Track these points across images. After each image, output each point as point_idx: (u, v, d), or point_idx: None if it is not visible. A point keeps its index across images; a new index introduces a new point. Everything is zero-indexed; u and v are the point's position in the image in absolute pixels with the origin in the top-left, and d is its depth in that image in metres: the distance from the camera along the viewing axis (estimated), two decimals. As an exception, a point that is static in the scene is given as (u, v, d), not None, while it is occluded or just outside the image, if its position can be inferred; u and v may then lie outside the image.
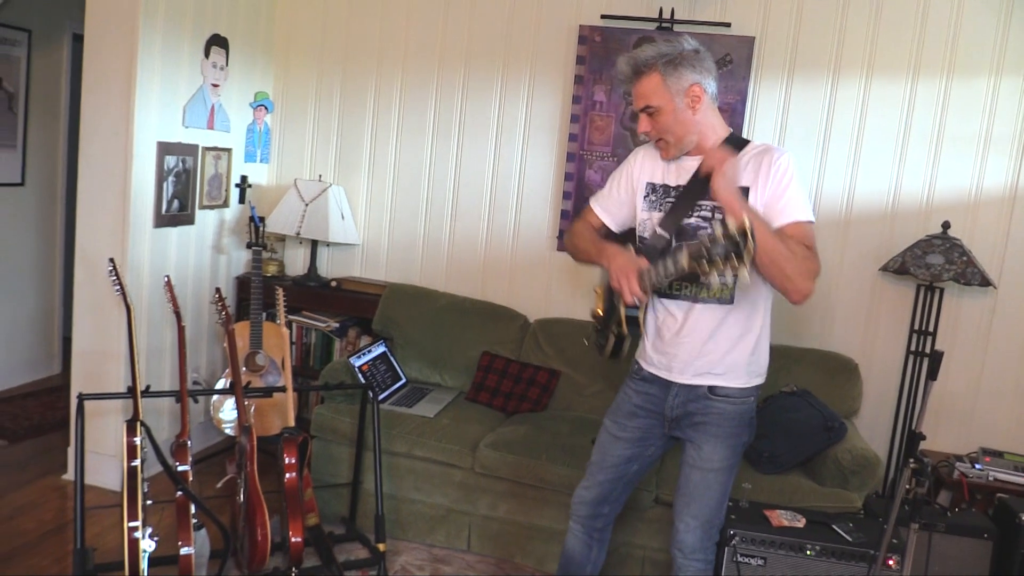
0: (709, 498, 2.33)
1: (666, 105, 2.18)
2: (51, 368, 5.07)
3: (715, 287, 2.18)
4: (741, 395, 2.29)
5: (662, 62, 2.16)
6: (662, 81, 2.17)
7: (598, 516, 2.53)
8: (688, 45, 2.18)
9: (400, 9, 4.13)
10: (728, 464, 2.32)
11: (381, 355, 3.72)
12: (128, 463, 2.68)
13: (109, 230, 3.47)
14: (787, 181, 2.13)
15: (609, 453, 2.46)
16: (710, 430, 2.28)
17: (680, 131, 2.21)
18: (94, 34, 3.41)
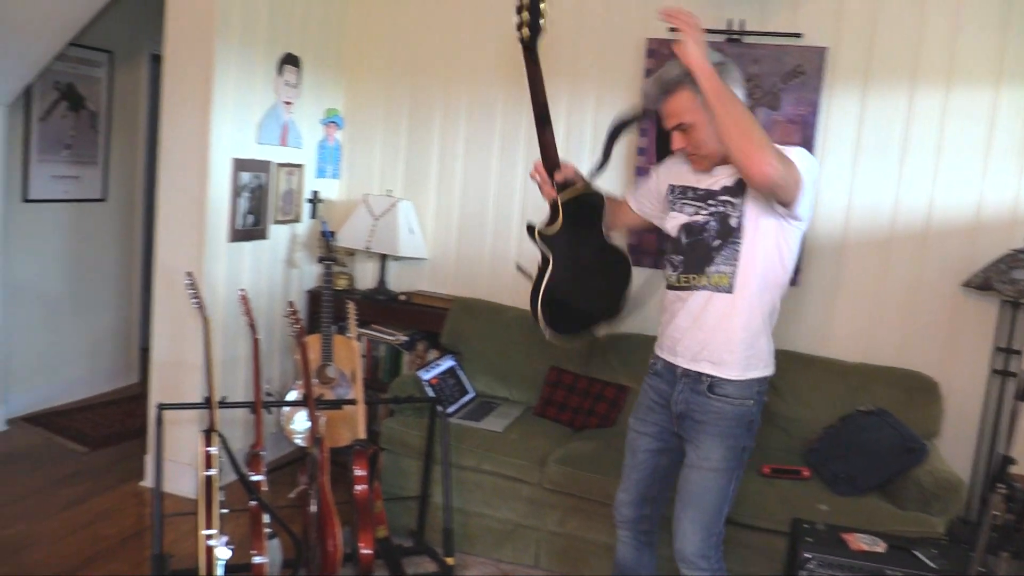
0: (707, 502, 2.33)
1: (698, 120, 2.21)
2: (130, 377, 5.23)
3: (716, 276, 2.27)
4: (739, 393, 2.30)
5: (689, 79, 2.16)
6: (692, 97, 2.19)
7: (642, 518, 2.57)
8: (713, 58, 2.17)
9: (468, 25, 4.16)
10: (726, 466, 2.32)
11: (449, 369, 3.73)
12: (204, 472, 2.75)
13: (187, 244, 3.57)
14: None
15: (637, 450, 2.52)
16: (708, 428, 2.31)
17: (714, 144, 2.23)
18: (173, 55, 3.53)
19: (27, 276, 4.47)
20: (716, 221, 2.28)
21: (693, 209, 2.33)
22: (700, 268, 2.30)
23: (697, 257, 2.31)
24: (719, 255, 2.28)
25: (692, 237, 2.33)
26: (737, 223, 2.25)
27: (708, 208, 2.29)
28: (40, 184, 4.44)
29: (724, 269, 2.27)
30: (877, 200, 3.62)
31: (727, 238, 2.27)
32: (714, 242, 2.28)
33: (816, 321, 3.73)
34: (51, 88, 4.38)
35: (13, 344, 4.41)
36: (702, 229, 2.30)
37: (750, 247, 2.25)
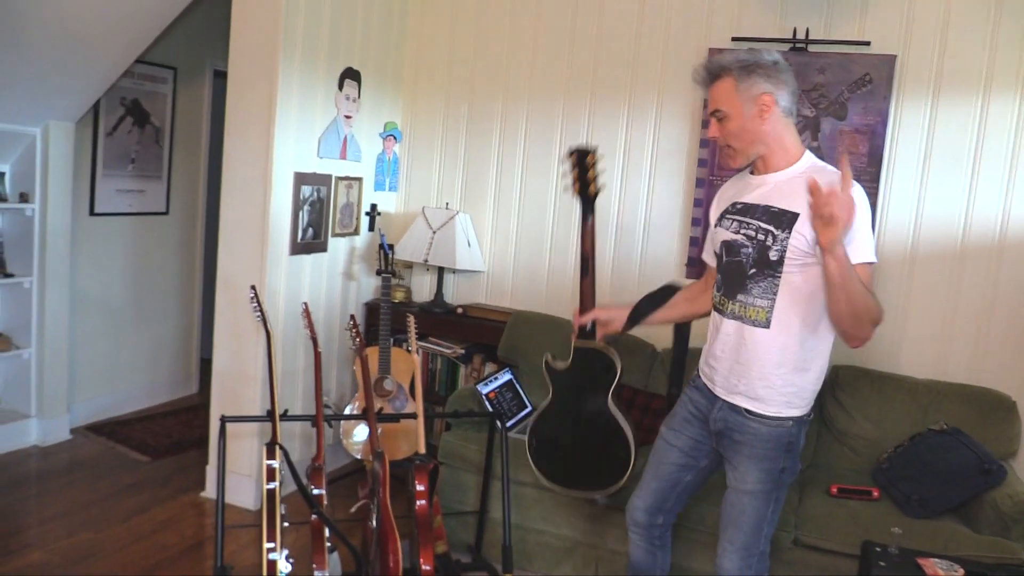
0: (744, 523, 2.29)
1: (735, 111, 2.18)
2: (189, 388, 5.31)
3: (752, 309, 2.19)
4: (777, 420, 2.23)
5: (736, 67, 2.17)
6: (734, 86, 2.17)
7: (654, 525, 2.55)
8: (768, 57, 2.18)
9: (526, 38, 4.16)
10: (762, 488, 2.26)
11: (507, 382, 3.70)
12: (266, 485, 2.76)
13: (249, 257, 3.61)
14: (856, 217, 2.02)
15: (663, 460, 2.48)
16: (744, 450, 2.27)
17: (746, 139, 2.20)
18: (237, 71, 3.57)
19: (92, 288, 4.57)
20: (754, 248, 2.18)
21: (736, 225, 2.24)
22: (733, 294, 2.24)
23: (732, 281, 2.24)
24: (754, 284, 2.18)
25: (730, 256, 2.25)
26: (778, 257, 2.13)
27: (749, 227, 2.20)
28: (106, 198, 4.54)
29: (760, 303, 2.17)
30: (948, 212, 3.51)
31: (763, 268, 2.16)
32: (750, 269, 2.19)
33: (884, 336, 3.62)
34: (117, 104, 4.48)
35: (78, 354, 4.50)
36: (739, 250, 2.21)
37: (791, 282, 2.14)
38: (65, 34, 3.54)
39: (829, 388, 3.53)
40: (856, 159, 3.57)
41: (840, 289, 1.98)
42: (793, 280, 2.13)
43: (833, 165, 2.28)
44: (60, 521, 3.48)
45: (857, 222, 2.03)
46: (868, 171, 3.55)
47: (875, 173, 3.55)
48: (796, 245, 2.11)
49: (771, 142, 2.20)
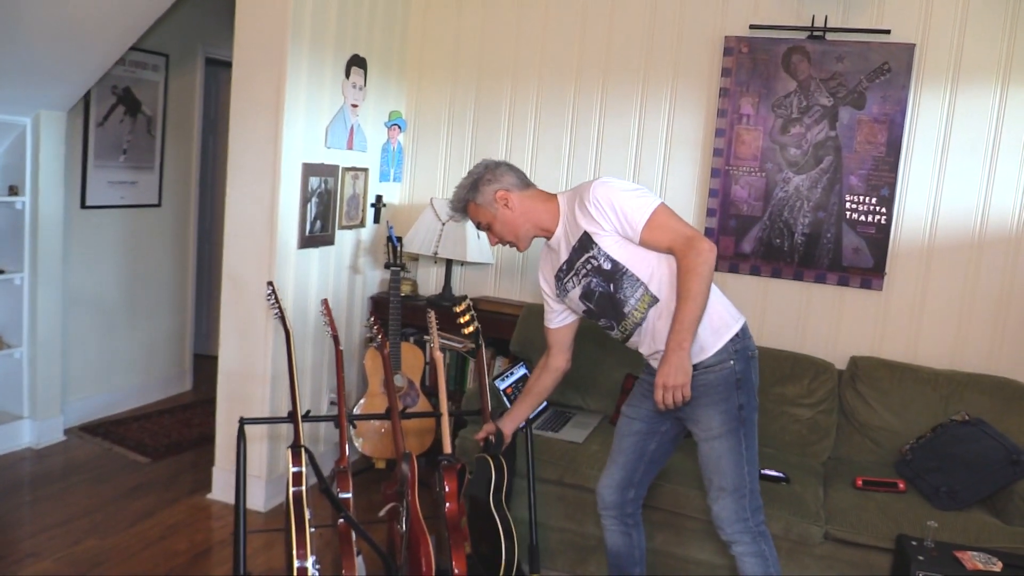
0: (724, 466, 2.41)
1: (489, 218, 2.54)
2: (183, 385, 5.17)
3: (641, 304, 2.40)
4: (717, 360, 2.38)
5: (467, 193, 2.54)
6: (476, 206, 2.54)
7: (626, 502, 2.67)
8: (480, 167, 2.55)
9: (536, 25, 4.06)
10: (728, 428, 2.39)
11: (522, 377, 3.64)
12: (292, 489, 2.66)
13: (256, 252, 3.49)
14: (610, 202, 2.34)
15: (626, 433, 2.63)
16: (700, 401, 2.39)
17: (513, 229, 2.53)
18: (243, 59, 3.44)
19: (84, 283, 4.41)
20: (595, 275, 2.42)
21: (575, 279, 2.48)
22: (621, 312, 2.43)
23: (613, 309, 2.45)
24: (623, 291, 2.40)
25: (593, 299, 2.47)
26: (610, 263, 2.39)
27: (581, 271, 2.44)
28: (97, 190, 4.37)
29: (639, 294, 2.39)
30: (966, 202, 3.50)
31: (614, 277, 2.40)
32: (610, 288, 2.41)
33: (902, 327, 3.61)
34: (109, 93, 4.31)
35: (70, 353, 4.35)
36: (592, 286, 2.45)
37: (635, 263, 2.38)
38: (61, 20, 3.38)
39: (849, 380, 3.52)
40: (874, 148, 3.54)
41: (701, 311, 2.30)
42: (634, 265, 2.38)
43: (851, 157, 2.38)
44: (64, 528, 3.35)
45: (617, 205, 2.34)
46: (887, 161, 3.53)
47: (893, 163, 3.52)
48: (607, 245, 2.38)
49: (532, 216, 2.51)
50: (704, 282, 2.25)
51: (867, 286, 3.62)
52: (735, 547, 2.47)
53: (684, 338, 2.25)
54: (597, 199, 2.35)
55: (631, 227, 2.33)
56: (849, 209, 3.59)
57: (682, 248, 2.28)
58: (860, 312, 3.65)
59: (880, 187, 3.55)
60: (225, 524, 3.47)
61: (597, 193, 2.36)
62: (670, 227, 2.32)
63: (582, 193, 2.41)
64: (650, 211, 2.33)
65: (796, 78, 3.62)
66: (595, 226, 2.37)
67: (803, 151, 3.64)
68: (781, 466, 3.22)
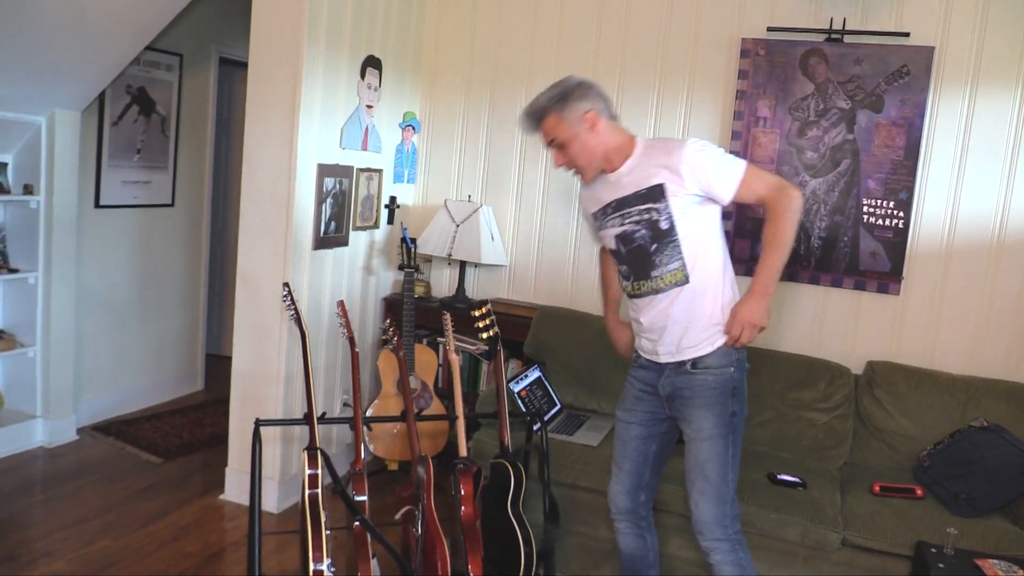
0: (709, 469, 2.43)
1: (567, 136, 2.41)
2: (195, 385, 5.17)
3: (669, 276, 2.39)
4: (719, 363, 2.41)
5: (554, 103, 2.40)
6: (559, 118, 2.40)
7: (638, 506, 2.67)
8: (573, 80, 2.44)
9: (551, 26, 4.05)
10: (718, 432, 2.41)
11: (536, 380, 3.62)
12: (308, 491, 2.65)
13: (270, 252, 3.48)
14: (703, 159, 2.33)
15: (627, 439, 2.63)
16: (695, 401, 2.43)
17: (589, 155, 2.43)
18: (259, 59, 3.43)
19: (97, 283, 4.41)
20: (646, 228, 2.38)
21: (619, 220, 2.44)
22: (647, 273, 2.42)
23: (640, 263, 2.43)
24: (662, 256, 2.38)
25: (628, 245, 2.44)
26: (668, 224, 2.36)
27: (632, 216, 2.40)
28: (111, 189, 4.37)
29: (674, 266, 2.38)
30: (984, 206, 3.47)
31: (663, 239, 2.37)
32: (651, 246, 2.39)
33: (919, 331, 3.58)
34: (123, 92, 4.31)
35: (83, 351, 4.35)
36: (633, 236, 2.42)
37: (689, 237, 2.37)
38: (77, 20, 3.38)
39: (865, 385, 3.50)
40: (892, 152, 3.52)
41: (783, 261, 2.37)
42: (689, 234, 2.36)
43: (868, 161, 2.41)
44: (77, 528, 3.34)
45: (708, 163, 2.33)
46: (905, 164, 3.50)
47: (911, 166, 3.50)
48: (678, 206, 2.35)
49: (610, 148, 2.43)
50: (793, 229, 2.30)
51: (884, 290, 3.59)
52: (713, 555, 2.48)
53: (769, 283, 2.33)
54: (693, 162, 2.32)
55: (723, 188, 2.33)
56: (866, 213, 3.57)
57: (774, 194, 2.32)
58: (877, 316, 3.63)
59: (898, 191, 3.53)
60: (238, 525, 3.47)
61: (693, 155, 2.33)
62: (762, 177, 2.36)
63: (671, 148, 2.37)
64: (742, 169, 2.34)
65: (814, 81, 3.60)
66: (677, 183, 2.33)
67: (820, 154, 3.61)
68: (798, 471, 3.20)
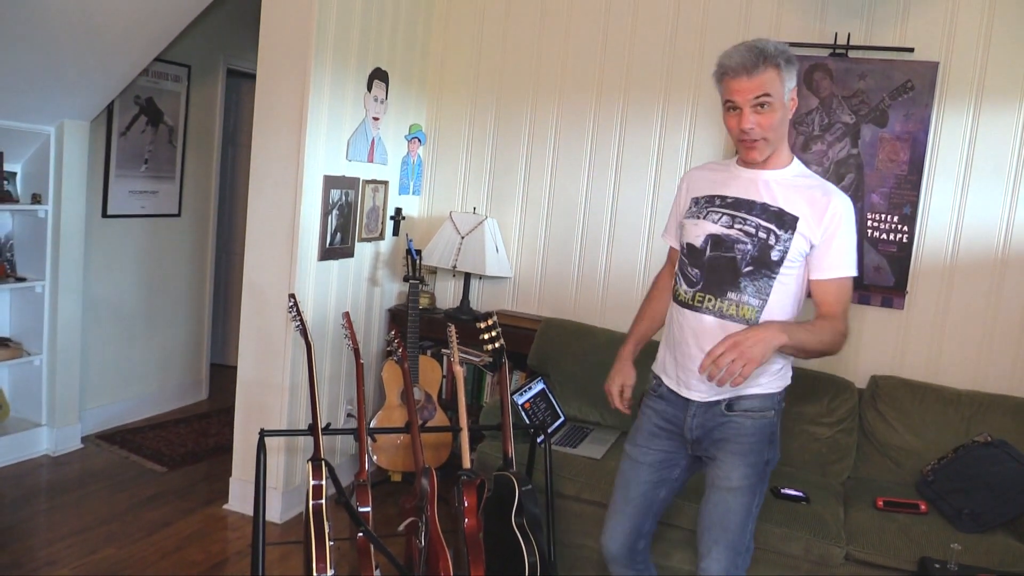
0: (731, 521, 2.19)
1: (779, 102, 2.06)
2: (199, 394, 5.18)
3: (743, 307, 2.12)
4: (760, 406, 2.18)
5: (783, 58, 2.04)
6: (780, 77, 2.04)
7: (635, 553, 2.39)
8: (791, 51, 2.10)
9: (557, 40, 4.07)
10: (748, 484, 2.19)
11: (540, 392, 3.63)
12: (312, 502, 2.66)
13: (276, 263, 3.50)
14: (843, 230, 2.10)
15: (634, 481, 2.34)
16: (729, 446, 2.18)
17: (780, 132, 2.11)
18: (267, 71, 3.46)
19: (103, 292, 4.43)
20: (754, 246, 2.10)
21: (727, 219, 2.14)
22: (722, 290, 2.13)
23: (720, 277, 2.13)
24: (748, 282, 2.11)
25: (718, 251, 2.13)
26: (780, 257, 2.09)
27: (745, 224, 2.11)
28: (119, 199, 4.40)
29: (752, 301, 2.11)
30: (988, 221, 3.48)
31: (762, 268, 2.10)
32: (745, 267, 2.11)
33: (923, 346, 3.59)
34: (131, 103, 4.34)
35: (88, 360, 4.36)
36: (733, 245, 2.12)
37: (785, 283, 2.12)
38: (87, 31, 3.41)
39: (869, 399, 3.49)
40: (896, 167, 3.53)
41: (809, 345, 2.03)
42: (786, 281, 2.12)
43: (872, 175, 2.28)
44: (81, 536, 3.35)
45: (842, 237, 2.09)
46: (909, 179, 3.51)
47: (916, 181, 3.51)
48: (798, 248, 2.10)
49: (783, 139, 2.15)
50: (827, 344, 2.05)
51: (888, 305, 3.59)
52: None
53: (784, 335, 1.91)
54: (839, 216, 2.08)
55: (827, 264, 2.10)
56: (871, 227, 3.58)
57: (838, 317, 2.09)
58: (881, 331, 3.63)
59: (902, 205, 3.53)
60: (242, 535, 3.47)
61: (843, 211, 2.09)
62: (845, 298, 2.13)
63: (829, 191, 2.11)
64: (851, 272, 2.11)
65: (818, 95, 3.61)
66: (809, 226, 2.08)
67: (825, 168, 3.62)
68: (801, 485, 3.19)
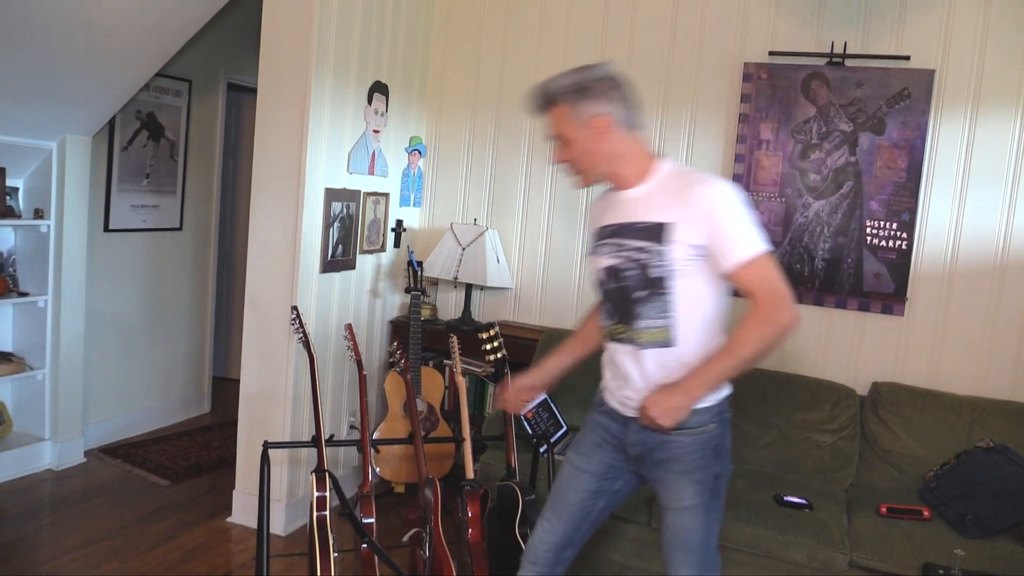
0: (690, 541, 2.13)
1: (572, 135, 2.08)
2: (201, 408, 5.18)
3: (646, 335, 2.06)
4: (698, 422, 2.07)
5: (568, 92, 2.06)
6: (569, 111, 2.06)
7: (559, 562, 2.29)
8: (600, 72, 2.07)
9: (555, 50, 4.10)
10: (700, 501, 2.11)
11: (543, 402, 3.63)
12: (317, 514, 2.67)
13: (279, 276, 3.51)
14: (724, 215, 1.98)
15: (572, 488, 2.26)
16: (672, 467, 2.11)
17: (589, 161, 2.11)
18: (268, 85, 3.48)
19: (106, 306, 4.44)
20: (638, 270, 2.04)
21: (611, 249, 2.11)
22: (629, 319, 2.09)
23: (623, 308, 2.10)
24: (647, 307, 2.05)
25: (614, 283, 2.11)
26: (660, 273, 2.01)
27: (624, 250, 2.07)
28: (120, 214, 4.42)
29: (658, 323, 2.04)
30: (987, 227, 3.49)
31: (653, 289, 2.03)
32: (636, 293, 2.06)
33: (924, 352, 3.59)
34: (133, 118, 4.36)
35: (91, 374, 4.37)
36: (622, 274, 2.08)
37: (685, 295, 2.03)
38: (89, 47, 3.43)
39: (871, 406, 3.50)
40: (894, 174, 3.54)
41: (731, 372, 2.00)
42: (687, 292, 2.03)
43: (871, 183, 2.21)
44: (84, 551, 3.35)
45: (726, 222, 1.97)
46: (907, 186, 3.53)
47: (914, 188, 3.53)
48: (681, 256, 2.00)
49: (616, 160, 2.10)
50: (760, 345, 1.95)
51: (888, 311, 3.61)
52: None
53: (700, 386, 1.96)
54: (711, 205, 1.97)
55: (728, 253, 1.97)
56: (870, 234, 3.59)
57: (766, 301, 1.95)
58: (881, 338, 3.64)
59: (901, 212, 3.55)
60: (245, 548, 3.47)
61: (714, 199, 1.98)
62: (768, 275, 1.96)
63: (693, 182, 2.02)
64: (759, 250, 1.97)
65: (815, 104, 3.63)
66: (684, 227, 1.98)
67: (823, 176, 3.64)
68: (804, 493, 3.20)
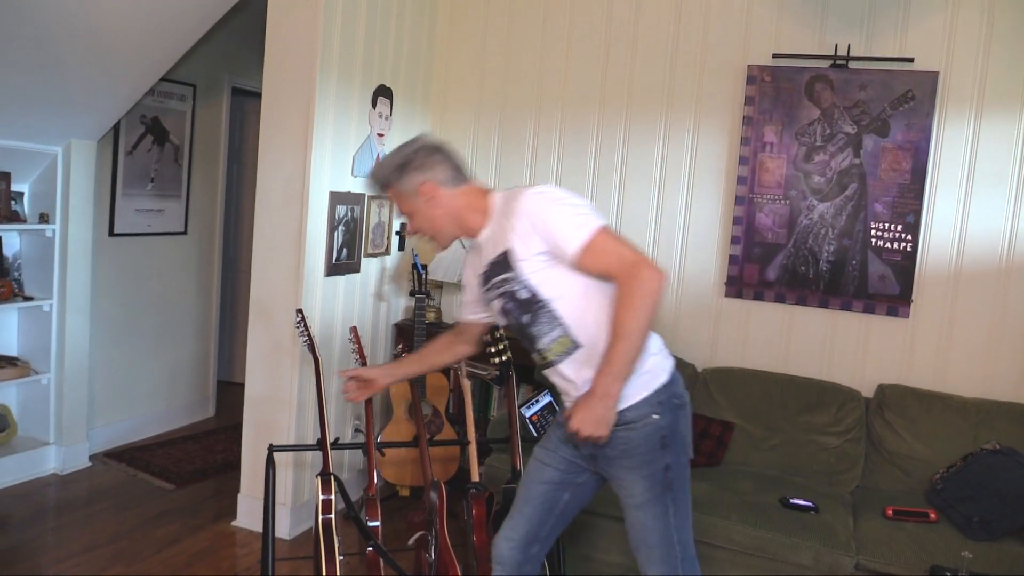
0: (650, 537, 2.13)
1: (411, 209, 2.20)
2: (206, 412, 5.19)
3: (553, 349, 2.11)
4: (638, 415, 2.07)
5: (394, 172, 2.17)
6: (399, 191, 2.18)
7: (527, 560, 2.30)
8: (416, 146, 2.18)
9: (559, 54, 4.11)
10: (653, 496, 2.11)
11: (548, 405, 3.63)
12: (322, 517, 2.67)
13: (283, 279, 3.51)
14: (542, 216, 2.01)
15: (537, 480, 2.28)
16: (621, 463, 2.12)
17: (435, 226, 2.20)
18: (272, 90, 3.49)
19: (110, 310, 4.45)
20: (511, 301, 2.12)
21: (494, 292, 2.17)
22: (534, 344, 2.15)
23: (525, 336, 2.16)
24: (538, 326, 2.10)
25: (506, 319, 2.19)
26: (528, 293, 2.08)
27: (496, 287, 2.14)
28: (125, 218, 4.43)
29: (555, 334, 2.09)
30: (992, 229, 3.49)
31: (531, 309, 2.09)
32: (522, 319, 2.12)
33: (930, 354, 3.59)
34: (137, 122, 4.38)
35: (95, 378, 4.38)
36: (507, 307, 2.15)
37: (558, 298, 2.07)
38: (94, 52, 3.44)
39: (877, 408, 3.50)
40: (899, 176, 3.54)
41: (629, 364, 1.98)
42: (561, 295, 2.06)
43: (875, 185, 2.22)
44: (90, 555, 3.35)
45: (549, 221, 2.01)
46: (912, 188, 3.53)
47: (918, 190, 3.52)
48: (533, 269, 2.05)
49: (459, 216, 2.18)
50: (642, 317, 1.93)
51: (894, 313, 3.60)
52: None
53: (611, 383, 1.95)
54: (530, 212, 2.02)
55: (564, 248, 1.99)
56: (874, 236, 3.59)
57: (622, 274, 1.95)
58: (887, 340, 3.63)
59: (905, 214, 3.55)
60: (250, 552, 3.47)
61: (529, 205, 2.03)
62: (611, 250, 1.98)
63: (512, 200, 2.08)
64: (590, 231, 1.98)
65: (819, 106, 3.64)
66: (522, 243, 2.04)
67: (827, 179, 3.64)
68: (810, 495, 3.19)
